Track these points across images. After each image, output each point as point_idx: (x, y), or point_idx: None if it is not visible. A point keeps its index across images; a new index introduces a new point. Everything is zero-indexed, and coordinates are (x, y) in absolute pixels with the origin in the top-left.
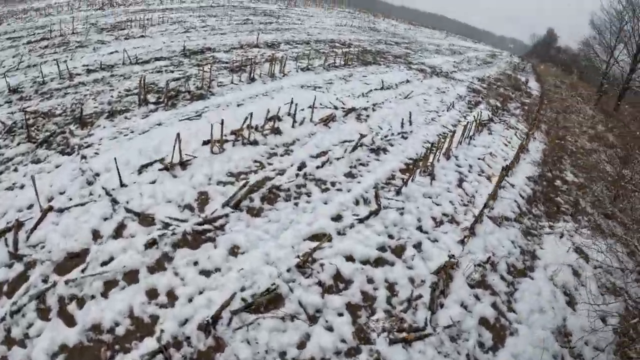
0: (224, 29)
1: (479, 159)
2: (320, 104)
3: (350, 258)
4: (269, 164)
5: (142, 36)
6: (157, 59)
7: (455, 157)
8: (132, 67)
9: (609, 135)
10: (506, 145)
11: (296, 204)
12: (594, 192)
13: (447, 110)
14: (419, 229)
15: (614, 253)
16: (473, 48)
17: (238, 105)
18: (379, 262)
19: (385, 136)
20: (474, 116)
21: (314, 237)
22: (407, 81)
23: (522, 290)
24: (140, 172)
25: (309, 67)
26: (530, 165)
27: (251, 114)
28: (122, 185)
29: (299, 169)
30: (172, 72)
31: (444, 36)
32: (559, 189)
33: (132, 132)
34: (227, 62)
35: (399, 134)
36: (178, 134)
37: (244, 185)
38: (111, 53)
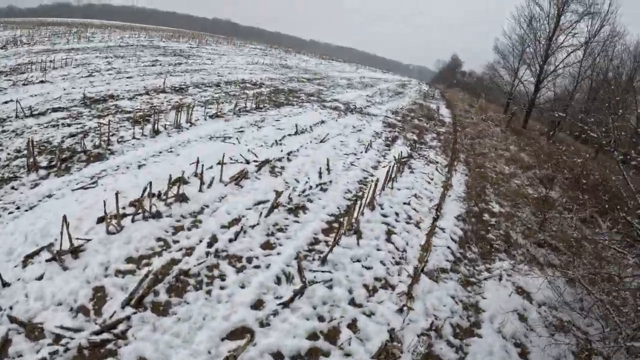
0: (130, 72)
1: (404, 203)
2: (231, 159)
3: (279, 355)
4: (175, 241)
5: (42, 81)
6: (54, 110)
7: (380, 205)
8: (26, 121)
9: (524, 155)
10: (429, 182)
11: (209, 292)
12: (522, 220)
13: (366, 151)
14: (352, 302)
15: (553, 287)
16: (383, 79)
17: (139, 167)
18: (312, 354)
19: (303, 191)
20: (394, 156)
21: (233, 335)
22: (322, 122)
23: (472, 353)
24: (25, 264)
25: (219, 113)
26: (457, 202)
27: (150, 184)
28: (5, 284)
29: (210, 245)
30: (69, 125)
31: (355, 69)
32: (489, 223)
33: (18, 208)
34: (130, 112)
35: (317, 185)
36: (64, 217)
37: (147, 275)
38: (6, 102)
